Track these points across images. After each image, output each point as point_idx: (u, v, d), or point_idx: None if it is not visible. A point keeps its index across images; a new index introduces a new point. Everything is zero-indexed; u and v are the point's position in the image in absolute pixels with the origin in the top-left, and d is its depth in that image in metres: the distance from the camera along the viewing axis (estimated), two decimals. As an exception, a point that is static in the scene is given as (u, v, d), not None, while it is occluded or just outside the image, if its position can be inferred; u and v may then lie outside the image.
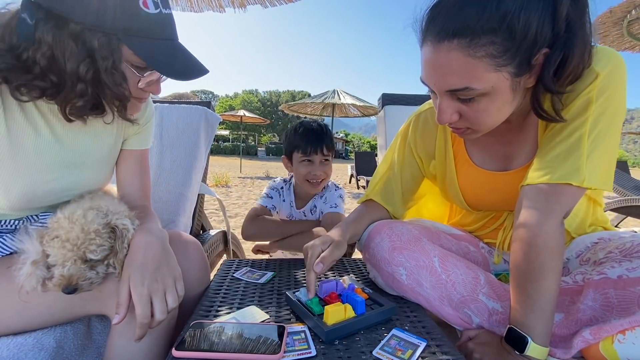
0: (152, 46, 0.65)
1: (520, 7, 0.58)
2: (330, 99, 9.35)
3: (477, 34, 0.59)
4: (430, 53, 0.65)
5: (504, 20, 0.58)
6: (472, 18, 0.59)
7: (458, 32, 0.60)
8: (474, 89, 0.64)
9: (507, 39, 0.59)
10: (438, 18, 0.63)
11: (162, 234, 0.74)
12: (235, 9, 2.70)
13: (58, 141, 0.72)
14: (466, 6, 0.60)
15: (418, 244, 0.81)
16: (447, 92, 0.67)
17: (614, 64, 0.66)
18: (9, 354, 0.63)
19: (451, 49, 0.62)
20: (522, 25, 0.58)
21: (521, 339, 0.62)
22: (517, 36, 0.59)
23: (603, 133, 0.65)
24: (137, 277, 0.63)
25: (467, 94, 0.65)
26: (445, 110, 0.69)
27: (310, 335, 0.64)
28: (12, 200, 0.70)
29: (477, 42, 0.60)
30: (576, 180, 0.64)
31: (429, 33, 0.65)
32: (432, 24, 0.64)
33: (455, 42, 0.61)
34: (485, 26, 0.59)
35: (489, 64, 0.61)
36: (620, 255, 0.70)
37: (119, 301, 0.62)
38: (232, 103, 69.50)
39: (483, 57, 0.61)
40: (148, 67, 0.68)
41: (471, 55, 0.61)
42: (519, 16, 0.58)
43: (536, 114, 0.69)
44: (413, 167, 1.00)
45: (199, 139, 1.53)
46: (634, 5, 3.31)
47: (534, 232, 0.65)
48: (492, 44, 0.60)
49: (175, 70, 0.68)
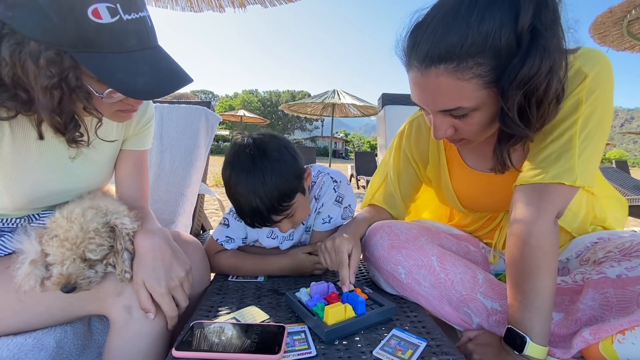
0: (107, 61, 0.56)
1: (500, 25, 0.58)
2: (330, 99, 9.35)
3: (463, 58, 0.60)
4: (418, 78, 0.65)
5: (486, 41, 0.58)
6: (456, 44, 0.59)
7: (444, 58, 0.60)
8: (465, 107, 0.65)
9: (493, 58, 0.60)
10: (422, 43, 0.63)
11: (164, 232, 0.75)
12: (235, 9, 2.70)
13: (60, 142, 0.72)
14: (449, 31, 0.60)
15: (417, 242, 0.81)
16: (440, 111, 0.68)
17: (602, 64, 0.67)
18: (9, 354, 0.63)
19: (439, 74, 0.62)
20: (504, 42, 0.58)
21: (520, 338, 0.62)
22: (503, 52, 0.59)
23: (593, 132, 0.66)
24: (153, 281, 0.66)
25: (460, 112, 0.66)
26: (440, 127, 0.71)
27: (310, 335, 0.64)
28: (15, 200, 0.71)
29: (465, 66, 0.60)
30: (568, 180, 0.65)
31: (414, 58, 0.65)
32: (416, 49, 0.64)
33: (442, 67, 0.61)
34: (470, 50, 0.59)
35: (477, 84, 0.62)
36: (620, 255, 0.70)
37: (143, 307, 0.66)
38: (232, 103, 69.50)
39: (471, 78, 0.61)
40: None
41: (459, 79, 0.61)
42: (500, 34, 0.58)
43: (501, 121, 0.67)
44: (410, 173, 1.01)
45: (199, 139, 1.53)
46: (634, 5, 3.31)
47: (528, 231, 0.65)
48: (479, 66, 0.60)
49: (137, 88, 0.59)
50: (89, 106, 0.62)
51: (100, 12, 0.53)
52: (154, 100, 1.19)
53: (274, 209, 0.79)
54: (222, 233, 0.97)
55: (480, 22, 0.58)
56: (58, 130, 0.64)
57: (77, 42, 0.54)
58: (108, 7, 0.54)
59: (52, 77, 0.56)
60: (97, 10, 0.53)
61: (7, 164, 0.67)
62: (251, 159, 0.79)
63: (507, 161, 0.74)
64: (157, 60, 0.62)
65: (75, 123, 0.65)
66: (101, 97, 0.61)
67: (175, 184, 1.45)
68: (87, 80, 0.60)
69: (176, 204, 1.41)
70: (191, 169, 1.48)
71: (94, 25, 0.53)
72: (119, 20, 0.55)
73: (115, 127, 0.83)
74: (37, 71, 0.55)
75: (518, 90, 0.60)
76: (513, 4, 0.57)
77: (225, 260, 0.96)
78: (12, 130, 0.67)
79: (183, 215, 1.41)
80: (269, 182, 0.77)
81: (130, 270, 0.68)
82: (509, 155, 0.74)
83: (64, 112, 0.61)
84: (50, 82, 0.56)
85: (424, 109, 0.72)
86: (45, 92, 0.57)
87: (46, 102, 0.58)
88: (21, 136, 0.68)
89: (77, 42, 0.54)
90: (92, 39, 0.54)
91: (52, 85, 0.56)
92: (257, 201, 0.77)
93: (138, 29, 0.58)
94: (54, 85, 0.56)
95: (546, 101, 0.62)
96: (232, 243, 0.97)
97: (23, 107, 0.61)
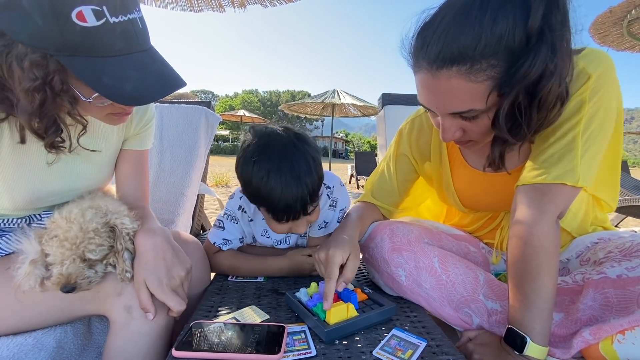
0: (93, 65, 0.55)
1: (513, 26, 0.57)
2: (330, 99, 9.35)
3: (476, 59, 0.58)
4: (428, 79, 0.64)
5: (500, 42, 0.57)
6: (469, 45, 0.58)
7: (456, 60, 0.59)
8: (477, 110, 0.64)
9: (506, 59, 0.59)
10: (432, 44, 0.61)
11: (165, 232, 0.75)
12: (235, 9, 2.70)
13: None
14: (461, 32, 0.58)
15: (418, 244, 0.81)
16: (450, 113, 0.67)
17: (605, 65, 0.67)
18: (9, 354, 0.63)
19: (451, 76, 0.61)
20: (517, 42, 0.57)
21: (520, 338, 0.62)
22: (516, 53, 0.58)
23: (596, 133, 0.66)
24: (154, 280, 0.66)
25: (470, 114, 0.65)
26: (449, 129, 0.70)
27: (310, 335, 0.64)
28: (16, 201, 0.71)
29: (478, 68, 0.59)
30: (571, 180, 0.64)
31: (423, 59, 0.63)
32: (425, 50, 0.62)
33: (454, 69, 0.60)
34: (485, 52, 0.58)
35: (490, 86, 0.61)
36: (620, 255, 0.70)
37: (143, 306, 0.66)
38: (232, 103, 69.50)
39: (484, 80, 0.60)
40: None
41: (472, 81, 0.60)
42: (513, 34, 0.57)
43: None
44: (407, 168, 1.01)
45: (199, 138, 1.54)
46: (634, 5, 3.31)
47: (530, 231, 0.65)
48: (492, 67, 0.59)
49: (124, 93, 0.57)
50: (74, 111, 0.61)
51: (85, 15, 0.52)
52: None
53: (314, 195, 0.76)
54: (219, 236, 0.95)
55: (494, 23, 0.57)
56: (37, 134, 0.63)
57: (62, 45, 0.53)
58: (94, 10, 0.52)
59: (35, 80, 0.54)
60: (81, 14, 0.51)
61: (7, 165, 0.67)
62: (293, 145, 0.75)
63: (499, 162, 0.74)
64: (146, 64, 0.60)
65: (57, 128, 0.64)
66: (89, 101, 0.60)
67: (175, 184, 1.45)
68: (74, 84, 0.58)
69: (176, 204, 1.41)
70: (191, 169, 1.48)
71: (78, 29, 0.52)
72: (105, 23, 0.54)
73: (116, 127, 0.83)
74: (21, 74, 0.54)
75: (519, 90, 0.59)
76: (525, 3, 0.56)
77: (225, 260, 0.96)
78: (12, 132, 0.67)
79: (183, 215, 1.41)
80: (312, 167, 0.74)
81: (131, 269, 0.68)
82: (502, 157, 0.74)
83: (46, 116, 0.60)
84: (32, 85, 0.55)
85: (431, 111, 0.71)
86: (27, 94, 0.56)
87: (26, 104, 0.57)
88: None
89: (62, 46, 0.53)
90: (77, 43, 0.53)
91: (34, 88, 0.55)
92: (302, 188, 0.72)
93: (126, 31, 0.57)
94: (36, 88, 0.55)
95: (547, 102, 0.62)
96: (230, 244, 0.96)
97: (12, 110, 0.60)
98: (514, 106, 0.62)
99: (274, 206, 0.74)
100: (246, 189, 0.78)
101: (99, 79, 0.55)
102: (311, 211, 0.79)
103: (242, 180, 0.78)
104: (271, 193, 0.72)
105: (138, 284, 0.66)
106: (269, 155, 0.73)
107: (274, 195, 0.72)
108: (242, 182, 0.79)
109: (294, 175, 0.72)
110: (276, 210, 0.75)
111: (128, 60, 0.58)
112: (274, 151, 0.74)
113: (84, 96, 0.60)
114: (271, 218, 0.78)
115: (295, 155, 0.74)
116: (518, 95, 0.60)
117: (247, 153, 0.75)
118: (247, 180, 0.75)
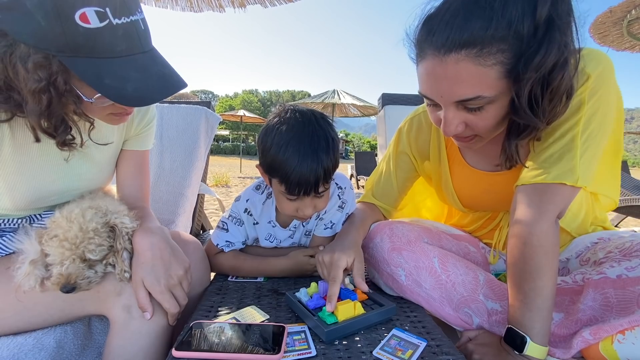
0: (96, 66, 0.55)
1: (522, 12, 0.57)
2: (330, 99, 9.35)
3: (486, 43, 0.58)
4: (435, 66, 0.63)
5: (510, 27, 0.58)
6: (479, 28, 0.58)
7: (466, 43, 0.59)
8: (485, 97, 0.63)
9: (515, 45, 0.59)
10: (439, 31, 0.61)
11: (163, 231, 0.75)
12: (235, 9, 2.70)
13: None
14: (471, 15, 0.59)
15: (418, 244, 0.81)
16: (455, 102, 0.66)
17: (604, 65, 0.67)
18: (9, 354, 0.63)
19: (459, 60, 0.60)
20: (526, 29, 0.58)
21: (520, 338, 0.62)
22: (524, 40, 0.58)
23: (595, 133, 0.66)
24: (151, 280, 0.66)
25: (477, 103, 0.64)
26: (452, 122, 0.68)
27: (310, 335, 0.64)
28: (17, 200, 0.71)
29: (488, 51, 0.59)
30: (570, 180, 0.64)
31: (429, 46, 0.63)
32: (432, 37, 0.62)
33: (463, 52, 0.60)
34: (495, 34, 0.58)
35: (499, 71, 0.60)
36: (620, 255, 0.70)
37: (141, 305, 0.66)
38: (232, 103, 69.54)
39: (494, 64, 0.60)
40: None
41: (481, 64, 0.60)
42: (522, 21, 0.57)
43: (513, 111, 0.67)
44: (406, 166, 1.02)
45: (198, 139, 1.54)
46: (634, 5, 3.31)
47: (529, 231, 0.65)
48: (502, 52, 0.59)
49: (126, 94, 0.58)
50: (79, 110, 0.62)
51: (89, 17, 0.52)
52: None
53: (327, 174, 0.77)
54: (222, 238, 0.95)
55: (504, 8, 0.57)
56: (47, 133, 0.63)
57: (64, 46, 0.53)
58: (97, 12, 0.53)
59: (40, 81, 0.55)
60: (85, 15, 0.52)
61: (8, 165, 0.68)
62: (316, 121, 0.77)
63: (515, 155, 0.72)
64: (148, 65, 0.60)
65: (66, 126, 0.64)
66: (91, 101, 0.60)
67: (175, 184, 1.45)
68: (76, 85, 0.59)
69: (176, 204, 1.41)
70: (191, 169, 1.48)
71: (81, 30, 0.52)
72: (108, 25, 0.54)
73: (117, 127, 0.83)
74: (26, 75, 0.55)
75: (533, 77, 0.59)
76: None
77: (226, 261, 0.96)
78: (13, 131, 0.67)
79: (183, 215, 1.41)
80: (331, 146, 0.77)
81: (130, 269, 0.68)
82: (517, 151, 0.72)
83: (54, 116, 0.61)
84: (38, 86, 0.55)
85: (434, 104, 0.70)
86: (34, 95, 0.56)
87: (34, 105, 0.57)
88: (22, 137, 0.68)
89: (65, 47, 0.53)
90: (80, 44, 0.53)
91: (40, 89, 0.56)
92: (318, 162, 0.74)
93: (128, 33, 0.57)
94: (42, 89, 0.56)
95: (559, 93, 0.62)
96: (232, 247, 0.96)
97: (18, 110, 0.60)
98: (530, 95, 0.62)
99: (288, 176, 0.74)
100: (264, 157, 0.79)
101: (100, 79, 0.55)
102: (322, 192, 0.79)
103: (261, 149, 0.80)
104: (287, 162, 0.73)
105: (136, 283, 0.66)
106: (291, 127, 0.76)
107: (290, 164, 0.73)
108: (260, 151, 0.80)
109: (312, 148, 0.74)
110: (289, 181, 0.75)
111: (130, 62, 0.58)
112: (297, 124, 0.76)
113: (86, 96, 0.60)
114: (282, 192, 0.78)
115: (317, 132, 0.76)
116: (530, 81, 0.60)
117: (270, 123, 0.79)
118: (266, 147, 0.77)
